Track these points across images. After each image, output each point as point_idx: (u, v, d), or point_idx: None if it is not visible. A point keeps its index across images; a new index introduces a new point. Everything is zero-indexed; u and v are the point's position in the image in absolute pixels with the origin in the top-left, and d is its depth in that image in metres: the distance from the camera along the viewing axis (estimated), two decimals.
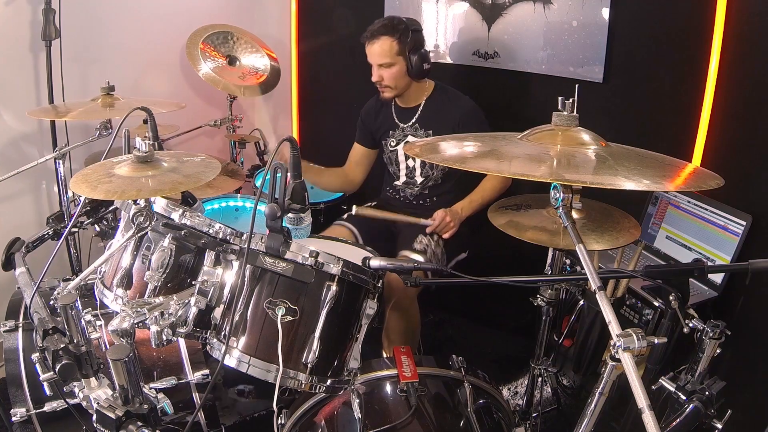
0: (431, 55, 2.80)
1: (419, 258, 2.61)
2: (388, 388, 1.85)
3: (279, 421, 1.80)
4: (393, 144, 2.94)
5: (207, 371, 1.98)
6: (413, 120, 2.88)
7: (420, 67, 2.71)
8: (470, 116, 2.77)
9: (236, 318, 1.56)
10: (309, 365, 1.53)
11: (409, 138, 2.89)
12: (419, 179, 2.93)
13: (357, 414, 1.70)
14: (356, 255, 1.99)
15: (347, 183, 3.16)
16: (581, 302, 2.45)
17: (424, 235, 2.70)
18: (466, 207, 2.75)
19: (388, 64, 2.70)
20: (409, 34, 2.69)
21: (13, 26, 2.92)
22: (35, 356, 1.54)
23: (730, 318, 1.90)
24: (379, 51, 2.69)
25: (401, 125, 2.91)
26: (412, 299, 2.63)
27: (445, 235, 2.68)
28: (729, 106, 2.40)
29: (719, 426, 1.52)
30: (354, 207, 2.67)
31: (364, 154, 3.10)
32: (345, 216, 2.91)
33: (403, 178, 2.98)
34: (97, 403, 1.41)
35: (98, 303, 1.82)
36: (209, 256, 1.61)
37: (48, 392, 1.66)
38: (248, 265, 1.54)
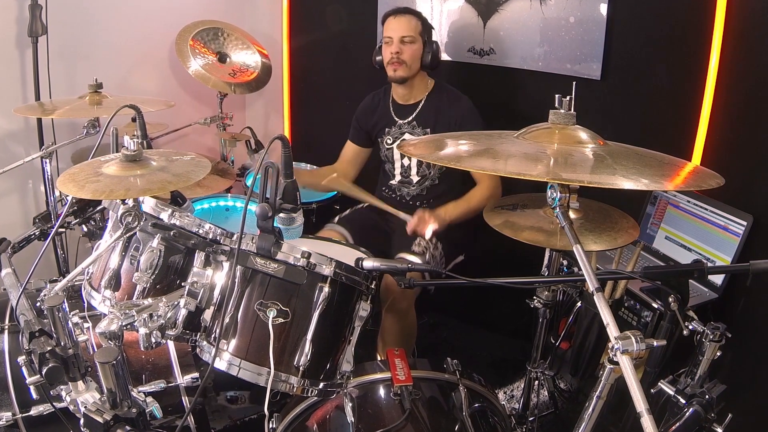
0: None
1: (416, 260, 2.60)
2: (382, 391, 1.83)
3: (270, 426, 1.78)
4: (389, 141, 2.92)
5: (197, 374, 1.95)
6: (412, 117, 2.86)
7: (435, 55, 2.79)
8: (468, 117, 2.76)
9: (226, 320, 1.54)
10: (301, 368, 1.52)
11: (406, 136, 2.87)
12: (415, 178, 2.90)
13: (350, 418, 1.68)
14: (349, 256, 1.98)
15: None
16: (579, 304, 2.45)
17: (423, 237, 2.67)
18: (450, 211, 2.68)
19: (411, 39, 2.74)
20: (428, 24, 2.83)
21: None
22: (21, 359, 1.51)
23: (731, 320, 1.90)
24: (406, 24, 2.75)
25: (399, 122, 2.89)
26: (410, 302, 2.61)
27: (427, 236, 2.59)
28: (730, 104, 2.39)
29: (719, 430, 1.51)
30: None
31: (356, 152, 3.08)
32: (336, 219, 2.89)
33: (398, 177, 2.96)
34: (85, 407, 1.40)
35: (86, 305, 1.80)
36: (199, 257, 1.60)
37: (34, 396, 1.63)
38: (239, 266, 1.52)
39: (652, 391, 1.58)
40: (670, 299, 1.52)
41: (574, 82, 1.66)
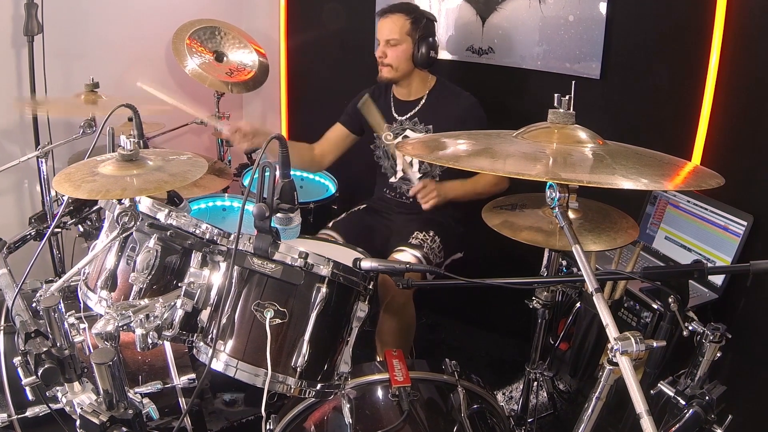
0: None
1: (415, 253, 2.58)
2: (380, 392, 1.82)
3: (268, 427, 1.78)
4: (390, 138, 2.89)
5: (193, 375, 1.94)
6: (413, 113, 2.84)
7: (426, 54, 2.71)
8: (471, 113, 2.74)
9: (223, 321, 1.53)
10: (298, 369, 1.51)
11: (408, 132, 2.84)
12: (417, 175, 2.87)
13: (348, 419, 1.68)
14: (347, 256, 1.97)
15: (313, 162, 3.04)
16: (578, 305, 2.44)
17: (420, 231, 2.67)
18: (456, 188, 2.68)
19: (396, 41, 2.69)
20: (423, 19, 2.72)
21: None
22: (17, 360, 1.50)
23: (731, 321, 1.90)
24: (390, 26, 2.69)
25: (399, 118, 2.87)
26: (407, 299, 2.60)
27: (425, 206, 2.59)
28: (730, 103, 2.39)
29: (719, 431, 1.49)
30: None
31: (343, 136, 3.01)
32: (330, 224, 2.86)
33: (399, 174, 2.93)
34: (81, 408, 1.39)
35: (82, 305, 1.79)
36: (196, 257, 1.59)
37: (30, 397, 1.61)
38: (236, 267, 1.52)
39: (651, 392, 1.57)
40: (670, 300, 1.51)
41: (573, 82, 1.65)
